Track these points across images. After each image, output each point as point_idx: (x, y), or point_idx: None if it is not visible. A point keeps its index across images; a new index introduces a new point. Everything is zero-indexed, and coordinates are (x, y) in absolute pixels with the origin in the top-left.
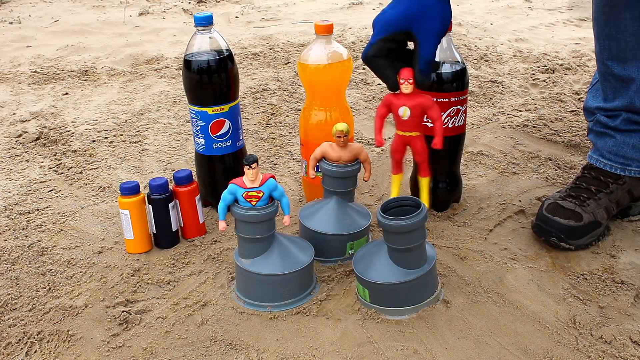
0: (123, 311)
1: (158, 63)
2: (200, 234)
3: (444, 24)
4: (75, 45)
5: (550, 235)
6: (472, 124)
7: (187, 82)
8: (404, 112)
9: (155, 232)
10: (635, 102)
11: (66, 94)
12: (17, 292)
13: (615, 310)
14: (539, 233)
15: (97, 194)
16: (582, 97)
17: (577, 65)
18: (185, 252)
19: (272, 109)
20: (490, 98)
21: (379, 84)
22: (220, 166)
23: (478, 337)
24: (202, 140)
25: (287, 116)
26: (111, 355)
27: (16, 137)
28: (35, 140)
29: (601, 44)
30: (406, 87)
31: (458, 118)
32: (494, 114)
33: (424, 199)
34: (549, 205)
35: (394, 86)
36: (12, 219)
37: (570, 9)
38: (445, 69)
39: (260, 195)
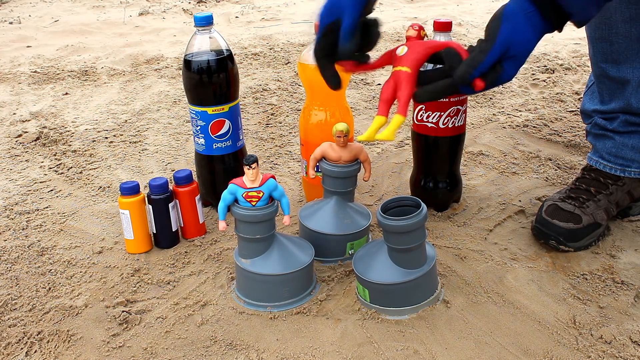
0: (123, 311)
1: (158, 63)
2: (200, 234)
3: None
4: (75, 45)
5: (549, 238)
6: (472, 124)
7: (187, 82)
8: (401, 49)
9: (155, 232)
10: (632, 103)
11: (66, 94)
12: (17, 292)
13: (615, 310)
14: (538, 236)
15: (97, 194)
16: (582, 97)
17: (577, 65)
18: (185, 252)
19: (272, 109)
20: (490, 98)
21: (379, 84)
22: (220, 166)
23: (478, 337)
24: (202, 140)
25: (287, 116)
26: (111, 355)
27: (16, 137)
28: (35, 140)
29: (594, 47)
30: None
31: (458, 118)
32: (494, 114)
33: (390, 132)
34: (548, 207)
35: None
36: (12, 219)
37: None
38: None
39: (260, 195)
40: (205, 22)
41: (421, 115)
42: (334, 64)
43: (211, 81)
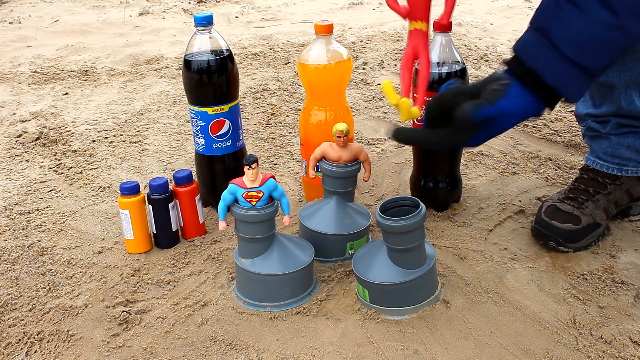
0: (123, 311)
1: (158, 63)
2: (200, 234)
3: None
4: (75, 45)
5: (548, 239)
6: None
7: (187, 82)
8: None
9: (155, 232)
10: (622, 106)
11: (66, 94)
12: (17, 292)
13: (615, 310)
14: (537, 237)
15: (97, 194)
16: None
17: None
18: (185, 252)
19: (272, 109)
20: None
21: (379, 84)
22: (220, 166)
23: (478, 337)
24: (202, 140)
25: (287, 116)
26: (111, 355)
27: (16, 137)
28: (35, 140)
29: None
30: None
31: None
32: None
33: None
34: (547, 208)
35: None
36: (12, 219)
37: None
38: (446, 69)
39: (260, 195)
40: (205, 22)
41: (422, 114)
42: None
43: (211, 81)
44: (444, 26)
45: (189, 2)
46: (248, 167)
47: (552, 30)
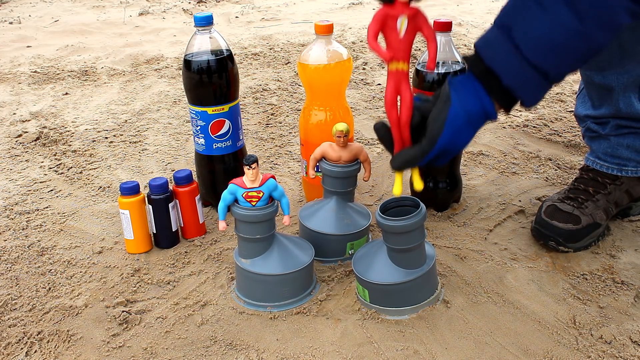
0: (123, 311)
1: (158, 63)
2: (200, 234)
3: None
4: (75, 45)
5: (548, 239)
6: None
7: (187, 82)
8: (402, 23)
9: (155, 232)
10: (621, 108)
11: (66, 94)
12: (17, 292)
13: (615, 310)
14: (537, 237)
15: (97, 194)
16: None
17: None
18: (185, 252)
19: (272, 109)
20: None
21: (379, 84)
22: (220, 166)
23: (478, 337)
24: (202, 140)
25: (287, 116)
26: (111, 355)
27: (16, 137)
28: (35, 140)
29: None
30: None
31: None
32: None
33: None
34: (547, 208)
35: None
36: (12, 219)
37: None
38: (445, 69)
39: (260, 195)
40: (205, 22)
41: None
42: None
43: (211, 81)
44: (444, 26)
45: (189, 2)
46: (248, 167)
47: (514, 29)
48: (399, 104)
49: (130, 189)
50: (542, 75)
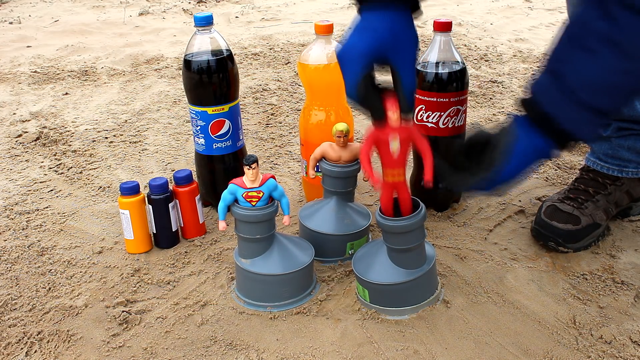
0: (123, 311)
1: (158, 63)
2: (200, 234)
3: (418, 50)
4: (75, 45)
5: (548, 239)
6: (472, 124)
7: (187, 82)
8: (395, 143)
9: (155, 232)
10: (623, 111)
11: (66, 94)
12: (17, 292)
13: (615, 310)
14: (537, 237)
15: (97, 194)
16: None
17: None
18: (185, 252)
19: (272, 109)
20: (490, 98)
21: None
22: (220, 166)
23: (478, 337)
24: (202, 140)
25: (287, 116)
26: (111, 355)
27: (16, 137)
28: (35, 140)
29: None
30: (395, 116)
31: (458, 118)
32: (494, 114)
33: None
34: (547, 208)
35: (381, 115)
36: (12, 219)
37: None
38: (445, 69)
39: (260, 195)
40: (205, 22)
41: (421, 115)
42: (378, 97)
43: (211, 81)
44: (444, 26)
45: (189, 2)
46: (248, 167)
47: (567, 75)
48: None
49: (130, 189)
50: (599, 115)
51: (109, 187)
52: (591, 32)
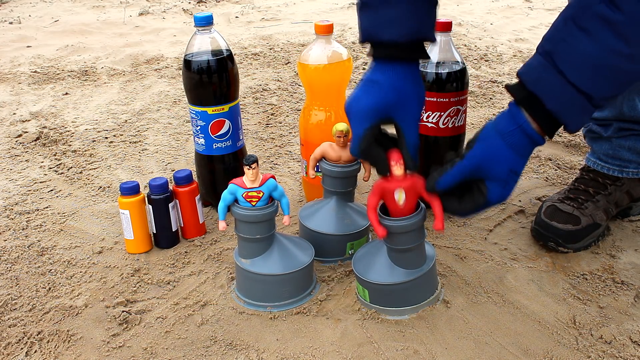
0: (123, 311)
1: (158, 63)
2: (200, 234)
3: (422, 106)
4: (75, 45)
5: (548, 240)
6: (472, 124)
7: (187, 82)
8: (400, 195)
9: (155, 232)
10: (624, 111)
11: (66, 94)
12: (17, 292)
13: (615, 310)
14: (537, 237)
15: (97, 194)
16: None
17: None
18: (185, 252)
19: (272, 109)
20: (490, 98)
21: None
22: (220, 166)
23: (478, 337)
24: (202, 140)
25: (287, 116)
26: (111, 355)
27: (16, 137)
28: (35, 140)
29: None
30: (398, 169)
31: (458, 118)
32: (494, 114)
33: None
34: (547, 208)
35: (386, 169)
36: (12, 219)
37: None
38: (445, 69)
39: (260, 195)
40: (205, 22)
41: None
42: (382, 151)
43: (211, 81)
44: (444, 26)
45: (189, 2)
46: (248, 167)
47: (557, 54)
48: None
49: (130, 189)
50: (586, 99)
51: (109, 187)
52: (589, 13)
